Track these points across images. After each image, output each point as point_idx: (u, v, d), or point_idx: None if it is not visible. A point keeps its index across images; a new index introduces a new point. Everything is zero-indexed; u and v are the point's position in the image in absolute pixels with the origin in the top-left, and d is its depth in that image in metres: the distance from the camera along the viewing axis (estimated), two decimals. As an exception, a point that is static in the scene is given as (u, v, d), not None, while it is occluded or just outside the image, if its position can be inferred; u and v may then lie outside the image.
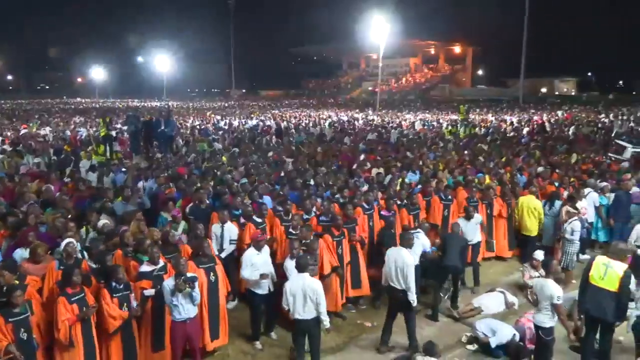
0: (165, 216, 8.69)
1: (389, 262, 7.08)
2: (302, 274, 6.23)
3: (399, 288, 6.95)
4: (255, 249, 7.19)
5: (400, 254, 7.00)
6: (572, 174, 12.52)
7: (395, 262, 6.96)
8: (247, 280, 7.20)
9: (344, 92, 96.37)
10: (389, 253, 7.17)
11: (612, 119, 33.17)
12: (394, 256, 7.03)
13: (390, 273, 7.03)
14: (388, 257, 7.14)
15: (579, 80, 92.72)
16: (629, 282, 6.19)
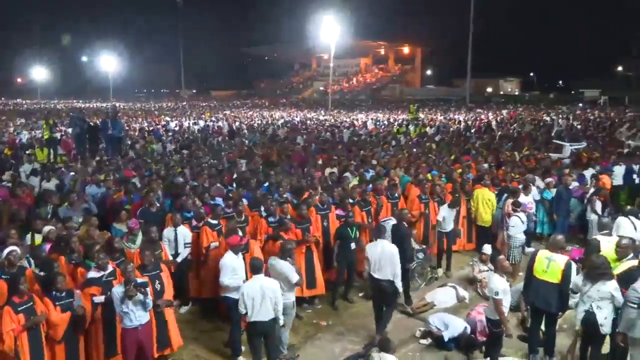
0: (119, 227, 8.27)
1: (372, 255, 7.26)
2: (257, 275, 6.21)
3: (384, 279, 7.16)
4: (233, 253, 6.93)
5: (383, 245, 7.26)
6: (516, 170, 12.99)
7: (381, 253, 7.18)
8: (227, 286, 6.79)
9: (296, 92, 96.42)
10: (371, 246, 7.35)
11: (553, 117, 34.69)
12: (377, 248, 7.24)
13: (375, 265, 7.22)
14: (371, 250, 7.32)
15: (522, 80, 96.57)
16: (571, 274, 6.48)
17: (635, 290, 5.79)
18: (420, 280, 9.51)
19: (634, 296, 5.77)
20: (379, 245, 7.32)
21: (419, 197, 10.31)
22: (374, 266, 7.28)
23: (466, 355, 7.03)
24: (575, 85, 79.07)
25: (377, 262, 7.24)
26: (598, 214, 10.55)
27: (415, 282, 9.39)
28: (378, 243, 7.38)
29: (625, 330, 5.88)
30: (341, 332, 7.77)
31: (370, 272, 7.35)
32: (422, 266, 9.58)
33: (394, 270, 7.18)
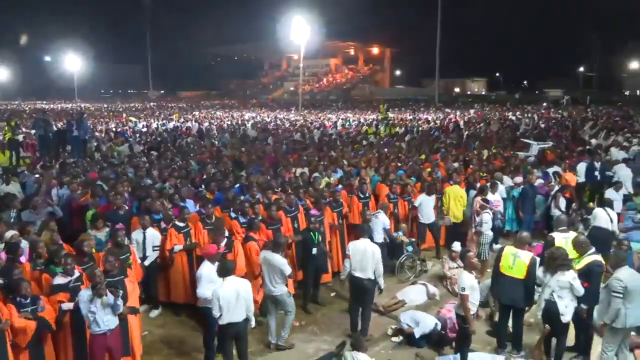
0: (94, 233, 7.87)
1: (355, 254, 7.27)
2: (229, 277, 6.17)
3: (365, 277, 7.20)
4: (211, 263, 6.77)
5: (366, 244, 7.31)
6: (484, 168, 13.24)
7: (364, 252, 7.21)
8: (205, 298, 6.55)
9: (266, 93, 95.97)
10: (354, 245, 7.37)
11: (519, 116, 35.48)
12: (361, 247, 7.27)
13: (357, 264, 7.23)
14: (353, 249, 7.33)
15: (488, 80, 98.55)
16: (535, 270, 6.67)
17: (618, 279, 5.95)
18: (409, 273, 9.76)
19: (618, 285, 5.93)
20: (362, 244, 7.34)
21: (388, 197, 10.42)
22: (355, 265, 7.28)
23: (437, 351, 7.12)
24: (540, 85, 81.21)
25: (360, 260, 7.24)
26: (562, 211, 10.87)
27: (405, 275, 9.66)
28: (361, 242, 7.40)
29: (610, 320, 6.02)
30: (314, 332, 7.78)
31: (351, 271, 7.33)
32: (411, 259, 9.83)
33: (377, 269, 7.24)
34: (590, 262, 6.64)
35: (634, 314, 5.94)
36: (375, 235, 9.23)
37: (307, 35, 48.96)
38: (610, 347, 6.13)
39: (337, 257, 9.52)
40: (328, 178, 11.71)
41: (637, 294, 5.96)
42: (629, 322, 5.97)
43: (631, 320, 5.96)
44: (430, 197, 10.48)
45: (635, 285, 5.95)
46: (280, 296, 7.17)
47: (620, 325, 5.96)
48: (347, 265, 7.38)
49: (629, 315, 5.92)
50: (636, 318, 6.00)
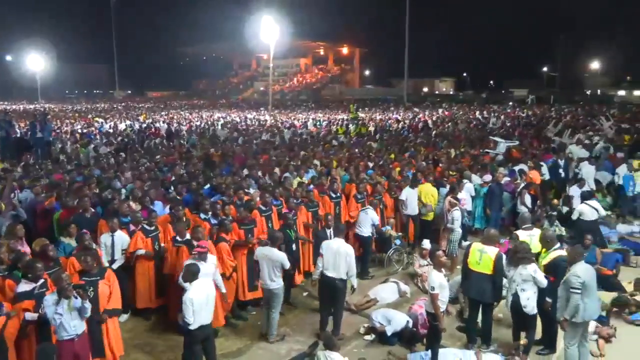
0: (67, 242, 7.59)
1: (327, 253, 7.24)
2: (197, 280, 6.10)
3: (337, 277, 7.19)
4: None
5: (339, 244, 7.30)
6: (453, 167, 13.44)
7: (337, 252, 7.19)
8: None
9: (236, 93, 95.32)
10: (327, 244, 7.34)
11: (486, 115, 36.17)
12: (334, 246, 7.25)
13: (329, 263, 7.20)
14: (327, 248, 7.30)
15: (456, 80, 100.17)
16: (502, 265, 6.82)
17: (576, 276, 6.11)
18: (397, 266, 10.00)
19: (576, 282, 6.08)
20: (336, 244, 7.32)
21: (355, 197, 10.46)
22: (327, 264, 7.25)
23: (409, 348, 7.19)
24: (506, 85, 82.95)
25: (332, 260, 7.21)
26: (528, 207, 11.14)
27: (393, 267, 9.90)
28: (334, 241, 7.38)
29: (570, 316, 6.19)
30: (286, 332, 7.76)
31: (323, 271, 7.30)
32: (399, 252, 10.05)
33: (350, 269, 7.24)
34: (556, 257, 6.83)
35: (591, 307, 6.15)
36: (363, 230, 9.76)
37: (276, 35, 48.80)
38: (572, 341, 6.31)
39: (309, 257, 9.51)
40: (300, 178, 11.70)
41: (592, 289, 6.17)
42: (587, 316, 6.18)
43: (589, 313, 6.16)
44: (414, 190, 10.81)
45: (590, 279, 6.15)
46: (276, 290, 7.33)
47: (580, 320, 6.15)
48: (320, 264, 7.35)
49: (587, 309, 6.11)
50: (593, 311, 6.22)
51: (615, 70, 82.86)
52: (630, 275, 8.93)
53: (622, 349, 7.10)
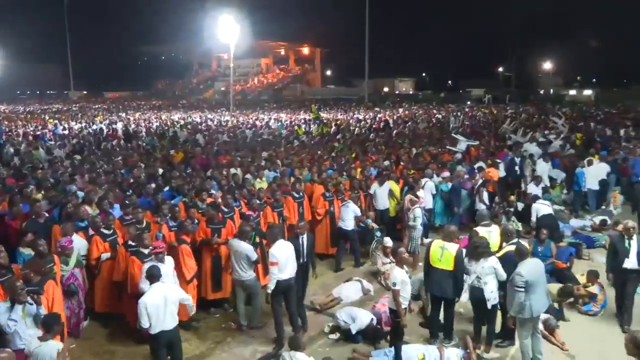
0: (26, 252, 7.16)
1: (280, 258, 7.12)
2: (156, 283, 5.99)
3: (291, 277, 7.17)
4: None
5: (284, 244, 7.24)
6: (412, 166, 13.66)
7: (287, 253, 7.15)
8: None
9: (196, 93, 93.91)
10: (276, 250, 7.18)
11: (445, 114, 36.89)
12: (283, 249, 7.16)
13: (283, 267, 7.10)
14: (278, 254, 7.14)
15: (415, 80, 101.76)
16: (462, 260, 6.99)
17: (520, 275, 6.32)
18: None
19: (519, 281, 6.30)
20: (283, 246, 7.22)
21: (324, 195, 10.51)
22: (283, 268, 7.07)
23: (373, 345, 7.27)
24: (463, 84, 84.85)
25: (285, 263, 7.13)
26: (485, 204, 11.44)
27: (375, 259, 9.95)
28: (280, 245, 7.22)
29: (516, 313, 6.42)
30: (251, 334, 7.71)
31: (280, 276, 7.08)
32: (381, 244, 10.10)
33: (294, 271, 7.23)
34: (507, 252, 7.11)
35: (537, 303, 6.36)
36: (347, 223, 10.11)
37: (236, 34, 48.26)
38: (524, 334, 6.52)
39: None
40: (260, 179, 11.65)
41: (538, 285, 6.39)
42: (535, 312, 6.39)
43: (535, 309, 6.38)
44: (382, 186, 11.18)
45: (535, 277, 6.36)
46: (248, 281, 7.56)
47: (527, 315, 6.37)
48: (276, 271, 7.02)
49: (533, 305, 6.34)
50: (539, 307, 6.43)
51: (567, 71, 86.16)
52: (583, 268, 9.28)
53: (576, 338, 7.37)
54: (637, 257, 7.48)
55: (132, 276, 7.07)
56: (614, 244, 7.75)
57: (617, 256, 7.61)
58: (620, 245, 7.59)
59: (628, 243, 7.55)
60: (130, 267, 7.11)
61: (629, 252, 7.49)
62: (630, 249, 7.50)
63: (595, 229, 11.92)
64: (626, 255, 7.50)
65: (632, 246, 7.51)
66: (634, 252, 7.49)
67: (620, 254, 7.55)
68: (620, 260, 7.54)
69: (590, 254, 10.54)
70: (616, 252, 7.65)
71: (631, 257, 7.49)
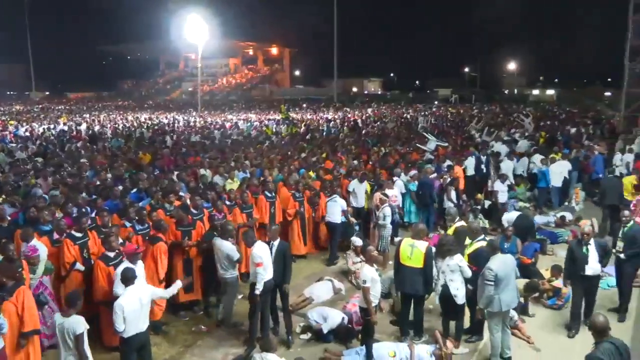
0: None
1: (263, 258, 7.04)
2: (130, 286, 5.89)
3: (270, 278, 7.09)
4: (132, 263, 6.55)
5: (264, 246, 7.17)
6: (380, 165, 13.78)
7: (267, 255, 7.08)
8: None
9: (163, 94, 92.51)
10: (260, 251, 7.10)
11: (413, 114, 37.35)
12: (265, 251, 7.10)
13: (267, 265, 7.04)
14: (263, 254, 7.08)
15: (383, 80, 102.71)
16: (432, 258, 7.09)
17: (490, 269, 6.46)
18: None
19: (489, 275, 6.44)
20: (263, 247, 7.16)
21: (294, 196, 10.50)
22: (267, 269, 7.00)
23: (345, 345, 7.30)
24: (430, 84, 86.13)
25: (269, 264, 7.07)
26: (453, 202, 11.63)
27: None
28: (260, 245, 7.14)
29: (484, 306, 6.56)
30: (222, 336, 7.65)
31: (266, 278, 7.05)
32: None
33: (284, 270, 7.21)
34: (478, 248, 7.21)
35: (505, 298, 6.51)
36: (335, 217, 10.41)
37: (204, 34, 47.83)
38: (495, 328, 6.65)
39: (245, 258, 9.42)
40: (232, 179, 11.56)
41: (508, 280, 6.54)
42: (504, 306, 6.53)
43: (504, 304, 6.52)
44: (361, 184, 11.37)
45: (504, 273, 6.51)
46: (230, 279, 7.58)
47: (496, 309, 6.52)
48: (262, 272, 6.87)
49: (502, 300, 6.48)
50: (508, 302, 6.56)
51: (530, 71, 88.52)
52: (547, 263, 9.52)
53: (541, 331, 7.57)
54: (596, 263, 7.36)
55: (96, 281, 6.90)
56: (572, 250, 7.56)
57: (576, 262, 7.43)
58: (578, 251, 7.41)
59: (586, 249, 7.37)
60: (95, 272, 6.92)
61: (588, 257, 7.33)
62: (588, 255, 7.34)
63: (558, 224, 12.26)
64: (585, 262, 7.33)
65: (590, 251, 7.35)
66: (593, 257, 7.33)
67: (579, 260, 7.37)
68: (580, 267, 7.37)
69: (554, 249, 10.83)
70: (574, 258, 7.47)
71: (591, 263, 7.33)
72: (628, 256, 7.81)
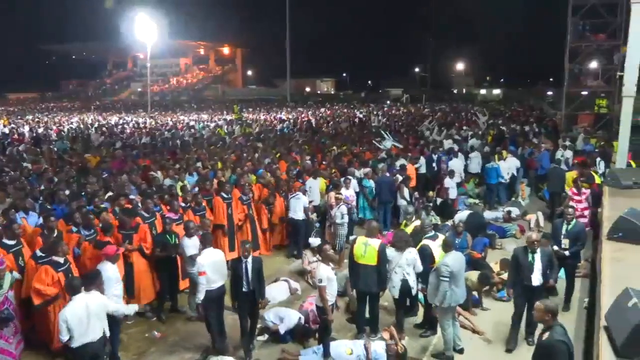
0: None
1: (208, 267, 6.90)
2: (77, 295, 5.69)
3: (219, 286, 6.97)
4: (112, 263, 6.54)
5: (214, 252, 7.09)
6: (334, 164, 13.87)
7: (215, 261, 6.98)
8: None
9: (111, 94, 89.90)
10: (204, 259, 6.97)
11: (366, 114, 37.80)
12: (212, 257, 6.99)
13: (213, 275, 6.90)
14: (206, 262, 6.91)
15: (336, 80, 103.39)
16: (385, 255, 7.20)
17: (446, 265, 6.63)
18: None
19: (445, 270, 6.60)
20: (212, 254, 7.05)
21: (240, 199, 10.36)
22: (212, 277, 6.86)
23: (302, 344, 7.31)
24: (382, 84, 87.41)
25: (215, 271, 6.92)
26: (407, 200, 11.85)
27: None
28: (209, 252, 7.04)
29: (440, 302, 6.72)
30: (176, 342, 7.50)
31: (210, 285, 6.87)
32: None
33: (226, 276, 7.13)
34: (421, 245, 7.46)
35: (457, 293, 6.71)
36: (298, 214, 10.53)
37: (153, 33, 46.75)
38: (447, 324, 6.83)
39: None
40: (182, 182, 11.35)
41: (460, 276, 6.75)
42: (454, 301, 6.74)
43: (455, 298, 6.73)
44: (316, 180, 11.58)
45: (458, 268, 6.72)
46: (192, 275, 7.57)
47: (446, 305, 6.71)
48: (204, 281, 6.75)
49: (454, 294, 6.68)
50: (458, 297, 6.77)
51: (477, 72, 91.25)
52: (496, 257, 9.84)
53: (491, 323, 7.81)
54: (541, 272, 6.95)
55: (43, 286, 6.61)
56: (516, 258, 7.12)
57: (520, 271, 7.00)
58: (523, 259, 6.98)
59: (532, 257, 6.94)
60: (39, 276, 6.62)
61: (533, 266, 6.92)
62: (534, 263, 6.93)
63: (506, 219, 12.69)
64: (530, 271, 6.92)
65: (535, 260, 6.93)
66: (538, 267, 6.93)
67: (524, 269, 6.94)
68: (526, 277, 6.93)
69: (503, 243, 11.20)
70: (518, 267, 7.04)
71: (536, 273, 6.93)
72: (572, 253, 8.10)
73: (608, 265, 6.94)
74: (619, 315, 4.88)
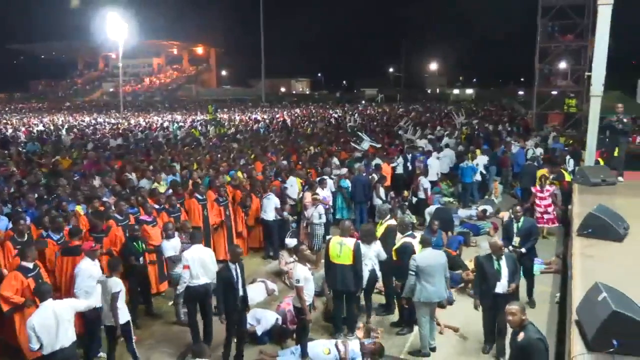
0: None
1: (194, 262, 6.92)
2: (45, 302, 5.56)
3: (208, 282, 6.98)
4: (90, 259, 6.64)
5: (200, 249, 7.13)
6: (310, 164, 13.87)
7: (202, 257, 7.01)
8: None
9: (82, 94, 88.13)
10: (190, 254, 6.99)
11: (341, 113, 37.90)
12: (198, 253, 7.00)
13: (198, 270, 6.93)
14: (191, 257, 6.95)
15: (311, 80, 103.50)
16: (361, 254, 7.24)
17: (413, 260, 6.80)
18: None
19: (412, 265, 6.77)
20: (198, 250, 7.06)
21: (217, 201, 10.28)
22: (196, 272, 6.89)
23: (279, 345, 7.29)
24: (357, 84, 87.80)
25: (200, 267, 6.93)
26: (382, 199, 11.92)
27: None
28: (196, 248, 7.07)
29: (406, 295, 6.92)
30: (151, 345, 7.39)
31: (193, 281, 6.92)
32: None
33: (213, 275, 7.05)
34: (402, 243, 7.52)
35: (426, 290, 6.77)
36: (268, 214, 10.60)
37: (125, 32, 46.04)
38: (423, 319, 6.90)
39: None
40: (157, 183, 11.19)
41: (429, 274, 6.78)
42: (423, 297, 6.79)
43: (424, 295, 6.78)
44: (294, 179, 11.79)
45: (425, 265, 6.79)
46: (174, 274, 7.75)
47: (416, 299, 6.82)
48: (186, 276, 6.91)
49: (423, 291, 6.77)
50: (429, 294, 6.80)
51: (450, 72, 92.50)
52: (470, 254, 9.96)
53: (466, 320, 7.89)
54: (507, 279, 6.59)
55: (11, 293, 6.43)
56: (481, 265, 6.77)
57: (486, 279, 6.65)
58: (489, 266, 6.64)
59: (498, 264, 6.61)
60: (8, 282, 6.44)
61: (500, 274, 6.59)
62: (501, 270, 6.60)
63: (480, 217, 12.88)
64: (497, 279, 6.57)
65: (502, 266, 6.60)
66: (505, 273, 6.58)
67: (490, 277, 6.60)
68: (492, 285, 6.59)
69: (477, 240, 11.37)
70: (484, 275, 6.69)
71: (503, 280, 6.58)
72: (528, 249, 8.20)
73: (578, 261, 7.08)
74: (590, 310, 4.98)
